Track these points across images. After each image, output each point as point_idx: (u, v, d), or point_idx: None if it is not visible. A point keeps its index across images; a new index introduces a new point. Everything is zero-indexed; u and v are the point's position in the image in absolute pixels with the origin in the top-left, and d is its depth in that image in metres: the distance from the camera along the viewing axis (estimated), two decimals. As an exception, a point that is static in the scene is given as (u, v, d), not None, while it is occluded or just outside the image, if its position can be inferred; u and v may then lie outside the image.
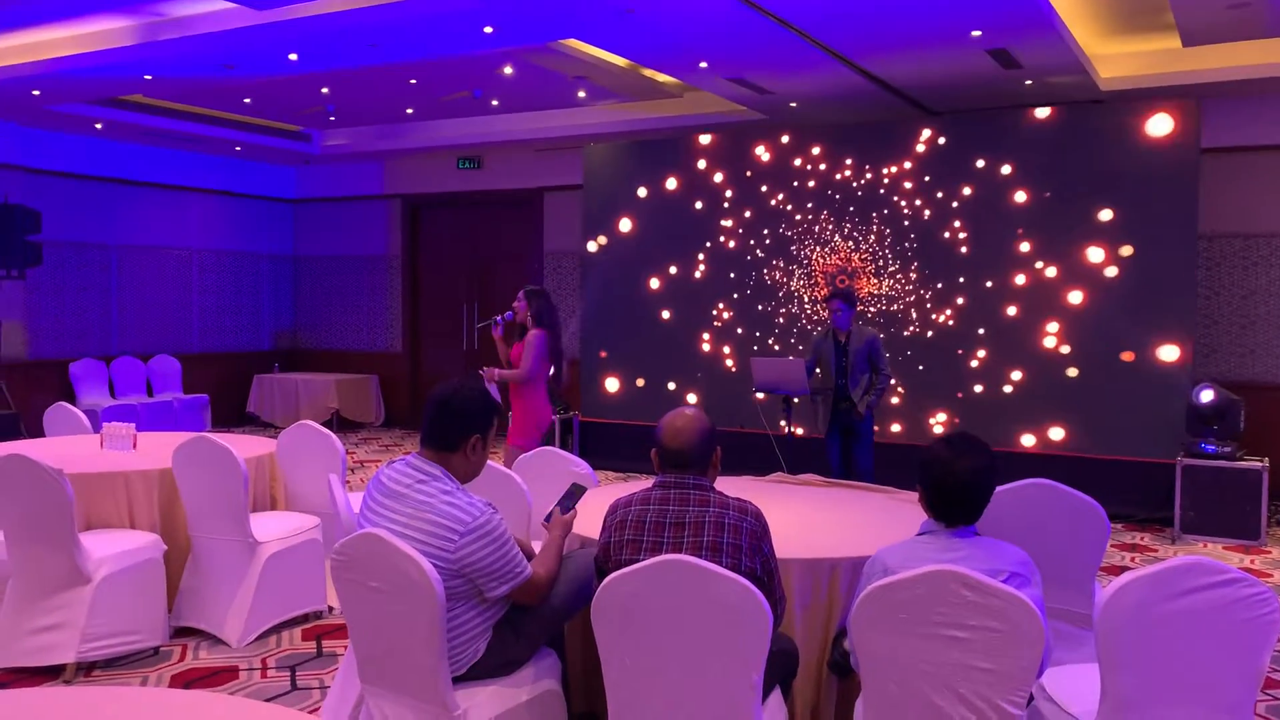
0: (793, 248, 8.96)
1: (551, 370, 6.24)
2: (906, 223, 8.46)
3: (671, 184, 9.46)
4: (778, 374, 6.96)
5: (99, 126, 9.94)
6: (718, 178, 9.25)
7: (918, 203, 8.41)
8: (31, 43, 7.60)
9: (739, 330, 9.19)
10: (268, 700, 3.93)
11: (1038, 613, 2.42)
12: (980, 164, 8.14)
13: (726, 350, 9.23)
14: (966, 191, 8.21)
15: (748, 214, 9.13)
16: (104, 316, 10.80)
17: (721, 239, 9.26)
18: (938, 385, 8.36)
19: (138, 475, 4.67)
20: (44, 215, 9.30)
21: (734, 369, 9.15)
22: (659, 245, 9.52)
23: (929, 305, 8.40)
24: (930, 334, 8.39)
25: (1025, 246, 8.00)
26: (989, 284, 8.15)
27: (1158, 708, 2.52)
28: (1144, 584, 2.49)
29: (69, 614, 4.18)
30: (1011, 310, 8.07)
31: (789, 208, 8.96)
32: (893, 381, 8.18)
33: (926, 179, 8.36)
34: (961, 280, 8.26)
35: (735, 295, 9.20)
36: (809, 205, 8.87)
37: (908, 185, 8.45)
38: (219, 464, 4.44)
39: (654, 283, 9.55)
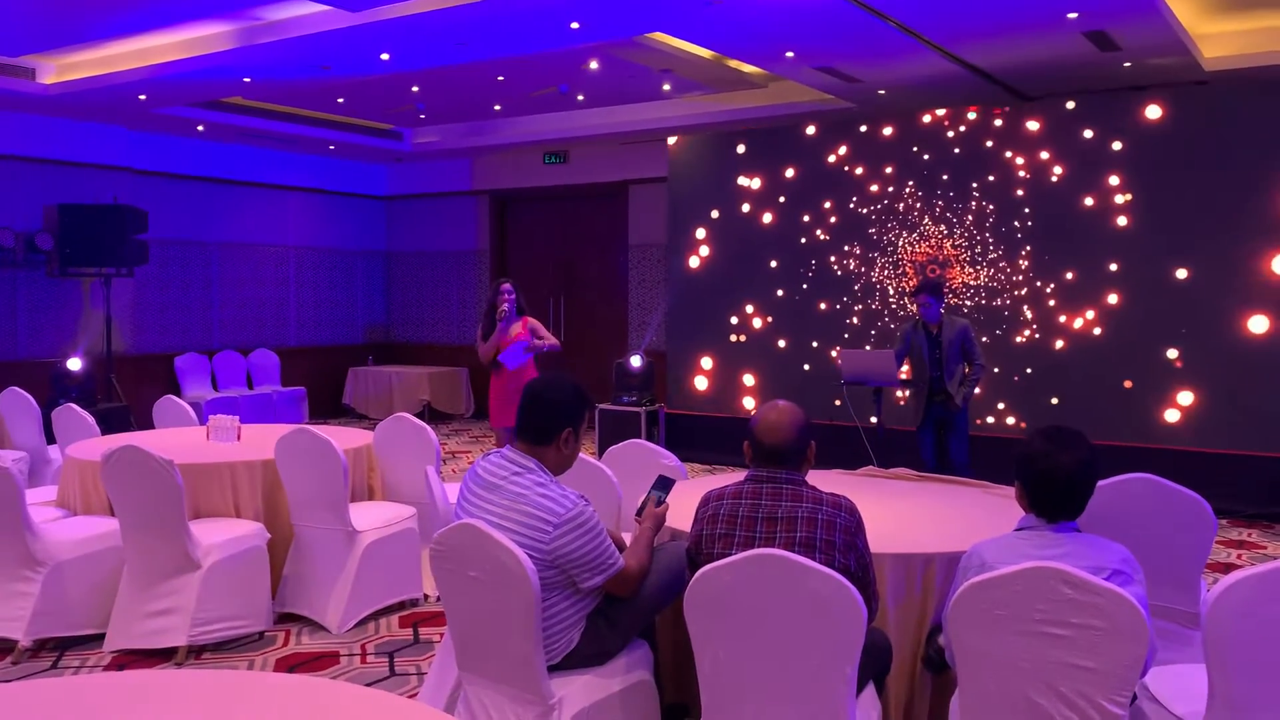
0: (879, 238, 8.83)
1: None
2: (1002, 213, 8.28)
3: (757, 175, 9.40)
4: (867, 365, 6.88)
5: (200, 128, 10.28)
6: (804, 168, 9.17)
7: (1015, 190, 8.22)
8: (138, 49, 7.90)
9: (826, 322, 9.09)
10: (367, 685, 4.03)
11: (1141, 611, 2.36)
12: (1078, 148, 7.93)
13: (815, 344, 9.14)
14: (1067, 179, 8.00)
15: (832, 205, 9.03)
16: (205, 312, 11.18)
17: (806, 230, 9.17)
18: (1034, 374, 8.17)
19: (242, 466, 4.83)
20: (150, 214, 9.64)
21: (821, 360, 9.06)
22: (744, 236, 9.47)
23: (1033, 297, 8.22)
24: (1030, 327, 8.21)
25: (1125, 234, 7.76)
26: (1088, 275, 7.94)
27: (1269, 710, 2.44)
28: (1254, 583, 2.41)
29: (180, 599, 4.35)
30: (1109, 295, 7.84)
31: (876, 197, 8.83)
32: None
33: (1020, 164, 8.17)
34: (1062, 271, 8.06)
35: (822, 287, 9.11)
36: (896, 195, 8.73)
37: (1000, 172, 8.26)
38: (320, 455, 4.57)
39: (738, 275, 9.50)
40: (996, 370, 8.36)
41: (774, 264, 9.32)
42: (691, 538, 2.98)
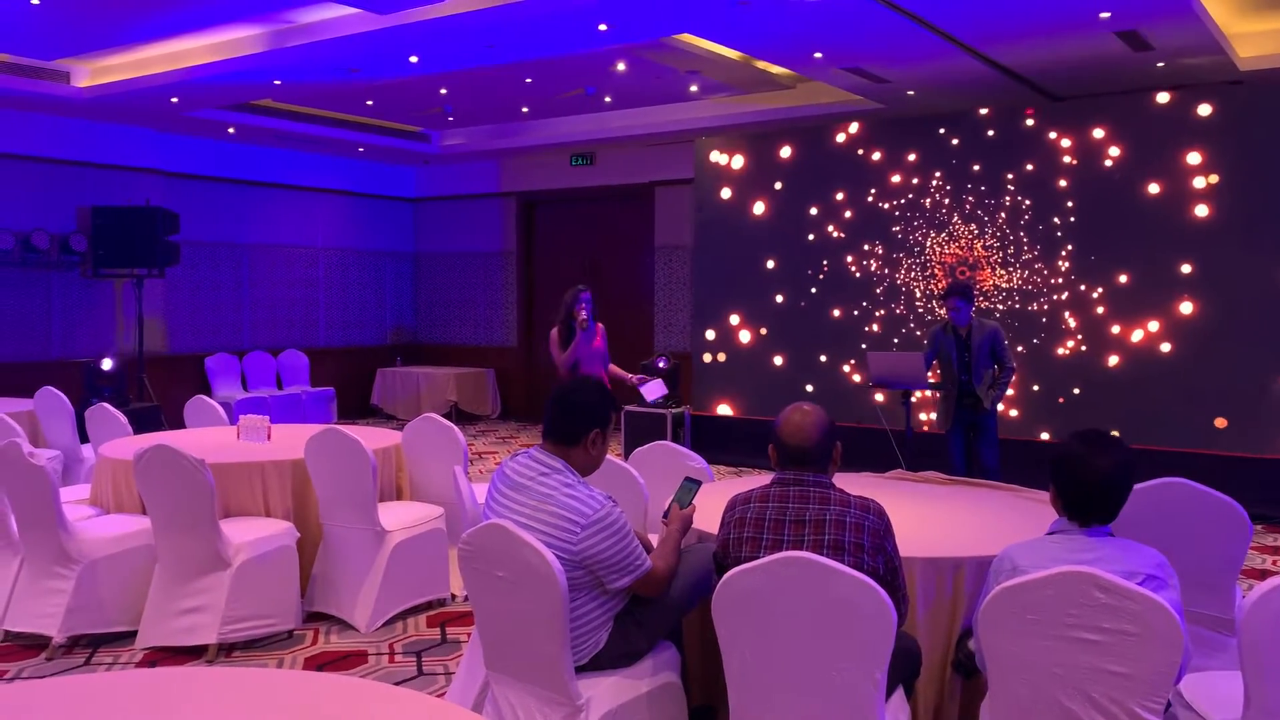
0: (907, 240, 8.78)
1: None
2: (1029, 215, 8.21)
3: (784, 175, 9.37)
4: (895, 368, 6.83)
5: (231, 131, 10.37)
6: (830, 169, 9.13)
7: (1040, 193, 8.15)
8: (170, 52, 7.99)
9: (852, 324, 9.05)
10: (395, 684, 4.05)
11: (1175, 617, 2.33)
12: (1114, 150, 7.85)
13: (841, 344, 9.11)
14: (1093, 181, 7.92)
15: (859, 206, 8.99)
16: (235, 313, 11.28)
17: (831, 231, 9.14)
18: (1083, 395, 8.07)
19: (272, 465, 4.86)
20: (181, 216, 9.74)
21: (849, 363, 9.02)
22: (770, 238, 9.45)
23: (1075, 302, 8.14)
24: (1074, 337, 8.13)
25: (1155, 233, 7.68)
26: (1116, 272, 7.85)
27: (1307, 719, 2.40)
28: (1292, 589, 2.37)
29: (211, 597, 4.38)
30: (1151, 300, 7.75)
31: (903, 198, 8.79)
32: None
33: (1050, 167, 8.10)
34: (1113, 273, 7.98)
35: (848, 289, 9.07)
36: (924, 196, 8.68)
37: (1027, 175, 8.19)
38: (349, 455, 4.60)
39: (765, 276, 9.48)
40: (1035, 388, 8.20)
41: (800, 266, 9.27)
42: (719, 542, 2.97)
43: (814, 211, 9.25)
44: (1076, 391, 8.04)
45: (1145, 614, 2.33)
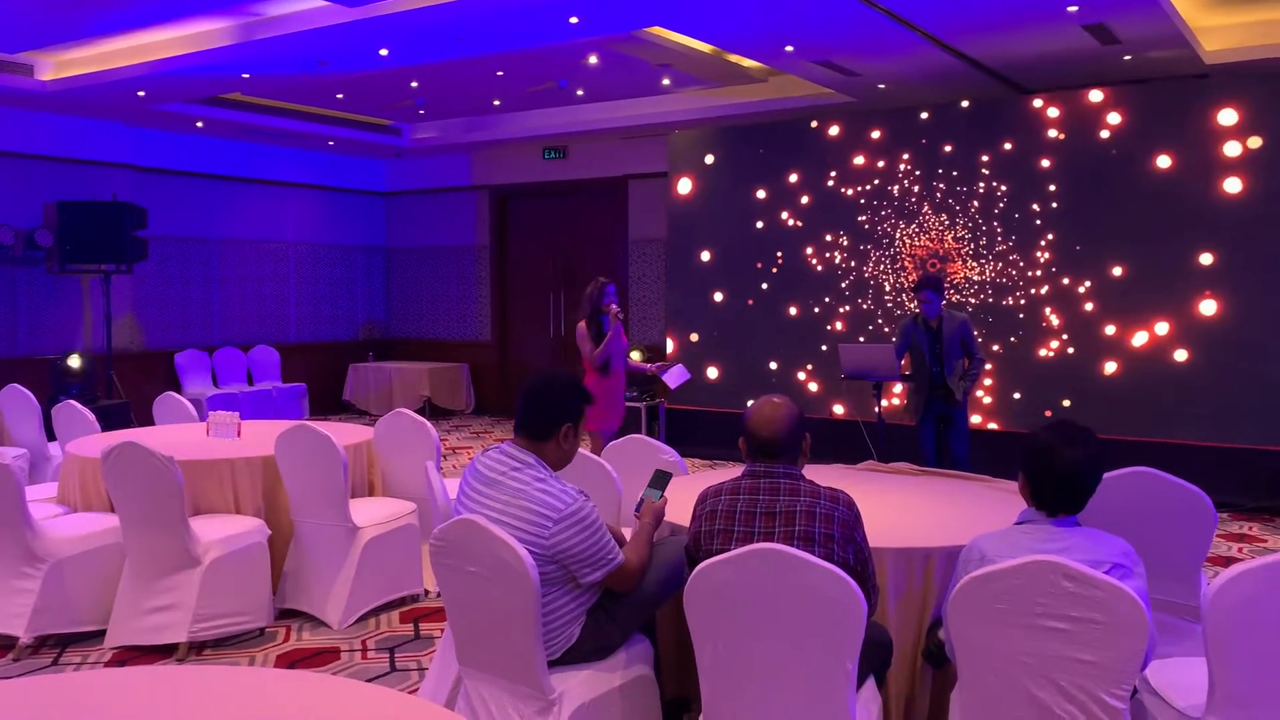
0: (878, 232, 8.82)
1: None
2: (1000, 207, 8.27)
3: (757, 169, 9.39)
4: (866, 360, 6.87)
5: (200, 125, 10.27)
6: (804, 163, 9.16)
7: (1010, 184, 8.21)
8: (136, 45, 7.89)
9: (833, 313, 9.09)
10: (368, 681, 4.04)
11: (1141, 604, 2.36)
12: (1081, 142, 7.91)
13: (814, 336, 9.14)
14: (1060, 171, 7.99)
15: (831, 200, 9.02)
16: (206, 309, 11.18)
17: (804, 225, 9.17)
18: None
19: (242, 462, 4.83)
20: (149, 211, 9.64)
21: (822, 355, 9.06)
22: (743, 233, 9.47)
23: (1027, 287, 8.20)
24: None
25: (1128, 229, 7.75)
26: (1092, 269, 7.92)
27: (1270, 703, 2.44)
28: (1254, 577, 2.41)
29: (181, 595, 4.35)
30: (1117, 293, 7.82)
31: (875, 192, 8.82)
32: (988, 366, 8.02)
33: (1019, 158, 8.16)
34: (1063, 265, 8.04)
35: (820, 281, 9.10)
36: (897, 190, 8.72)
37: (999, 166, 8.25)
38: (320, 451, 4.57)
39: (738, 271, 9.50)
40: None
41: (773, 259, 9.30)
42: (690, 534, 2.98)
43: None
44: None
45: (1112, 602, 2.36)
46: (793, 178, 9.22)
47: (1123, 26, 6.69)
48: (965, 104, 8.43)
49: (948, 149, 8.46)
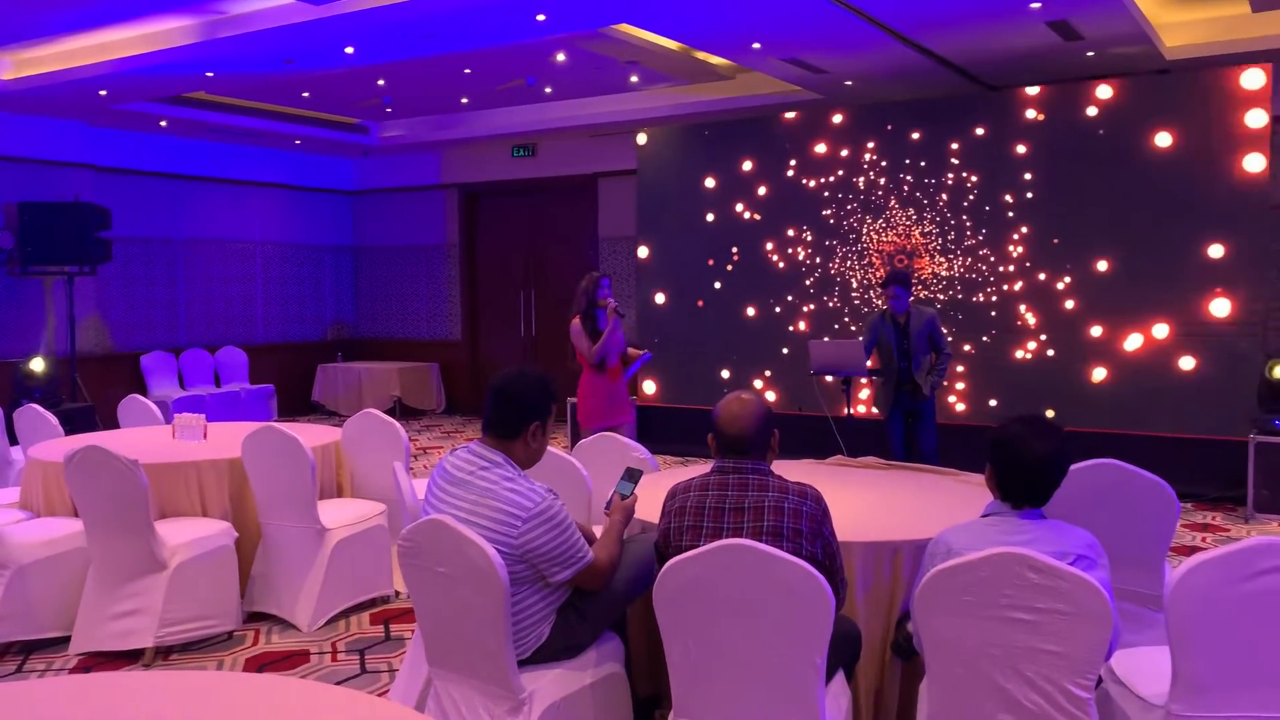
0: (847, 228, 8.86)
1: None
2: (966, 202, 8.33)
3: (727, 166, 9.41)
4: (836, 356, 6.91)
5: (163, 124, 10.16)
6: (772, 159, 9.19)
7: (976, 180, 8.27)
8: (97, 44, 7.79)
9: (797, 312, 9.13)
10: (338, 683, 4.02)
11: (1105, 595, 2.39)
12: (1042, 138, 7.98)
13: (786, 333, 9.18)
14: (1027, 166, 8.05)
15: (802, 196, 9.06)
16: (172, 310, 11.06)
17: (775, 221, 9.20)
18: (1000, 364, 8.23)
19: (209, 465, 4.78)
20: (112, 212, 9.52)
21: (792, 351, 9.09)
22: (713, 228, 9.48)
23: (992, 283, 8.27)
24: (993, 312, 8.26)
25: (1092, 222, 7.83)
26: (1055, 262, 8.00)
27: (1232, 690, 2.48)
28: (1215, 565, 2.44)
29: (146, 600, 4.30)
30: (1078, 289, 7.91)
31: (844, 188, 8.86)
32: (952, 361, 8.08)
33: (986, 155, 8.22)
34: (1027, 259, 8.12)
35: (792, 278, 9.14)
36: (865, 186, 8.77)
37: (966, 163, 8.31)
38: (287, 453, 4.54)
39: (709, 265, 9.52)
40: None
41: (744, 255, 9.32)
42: (660, 531, 2.98)
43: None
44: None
45: (1076, 593, 2.39)
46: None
47: (1085, 23, 6.77)
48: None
49: (915, 136, 8.51)
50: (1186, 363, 7.47)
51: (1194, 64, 7.60)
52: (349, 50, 7.44)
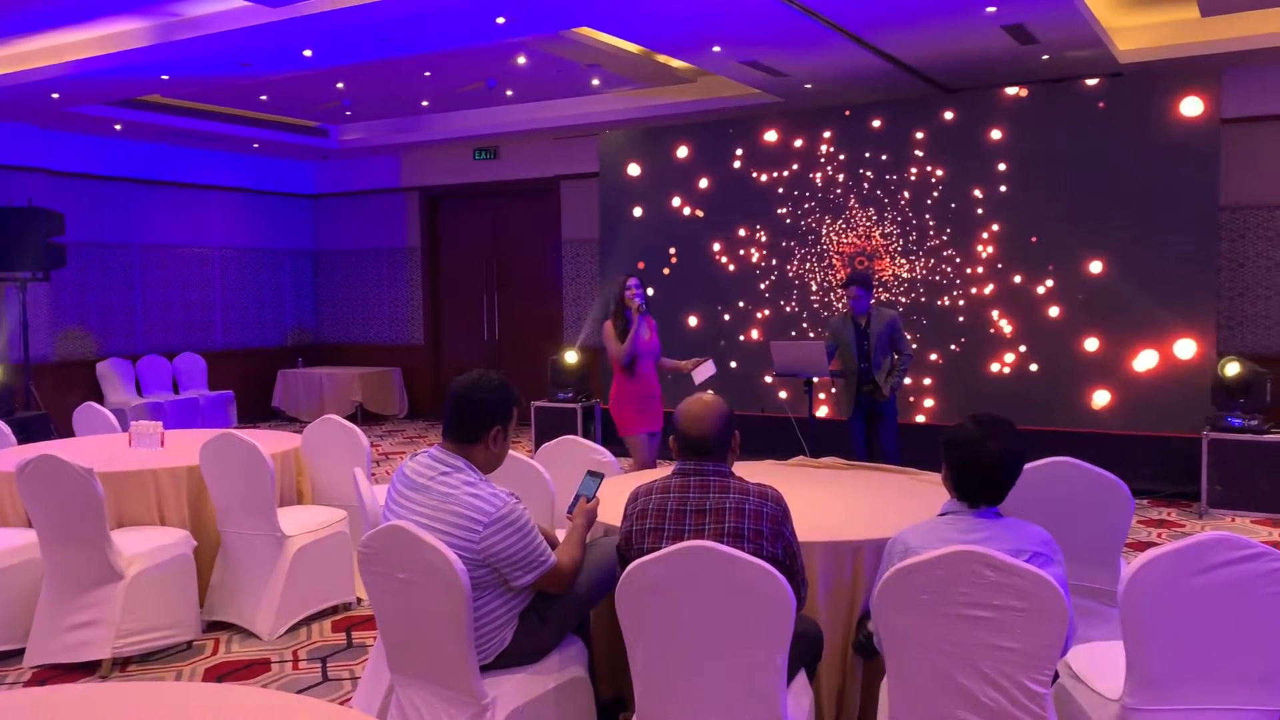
0: (808, 230, 8.92)
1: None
2: (923, 205, 8.41)
3: (688, 170, 9.44)
4: (798, 357, 6.95)
5: (118, 127, 10.02)
6: (733, 163, 9.22)
7: (933, 182, 8.35)
8: (49, 46, 7.66)
9: (758, 314, 9.17)
10: (300, 692, 3.98)
11: (1060, 591, 2.42)
12: (996, 141, 8.08)
13: (749, 334, 9.21)
14: (983, 169, 8.15)
15: (763, 198, 9.10)
16: (128, 316, 10.90)
17: (736, 224, 9.24)
18: (956, 364, 8.31)
19: (166, 473, 4.73)
20: (66, 217, 9.38)
21: (754, 353, 9.13)
22: (675, 231, 9.51)
23: (948, 284, 8.35)
24: (946, 312, 8.35)
25: (1045, 222, 7.93)
26: (1011, 262, 8.09)
27: (1184, 683, 2.53)
28: (1168, 560, 2.49)
29: (103, 611, 4.24)
30: (1034, 287, 8.01)
31: (805, 191, 8.92)
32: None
33: (945, 158, 8.31)
34: (983, 258, 8.21)
35: (754, 279, 9.18)
36: (825, 188, 8.83)
37: (925, 166, 8.39)
38: (245, 460, 4.49)
39: (671, 268, 9.53)
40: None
41: (706, 257, 9.36)
42: (622, 534, 2.98)
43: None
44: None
45: (1032, 590, 2.42)
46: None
47: (1040, 27, 6.86)
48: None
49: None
50: (1144, 362, 7.59)
51: (1147, 68, 7.73)
52: (307, 53, 7.38)
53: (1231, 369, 6.93)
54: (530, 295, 11.74)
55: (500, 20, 6.54)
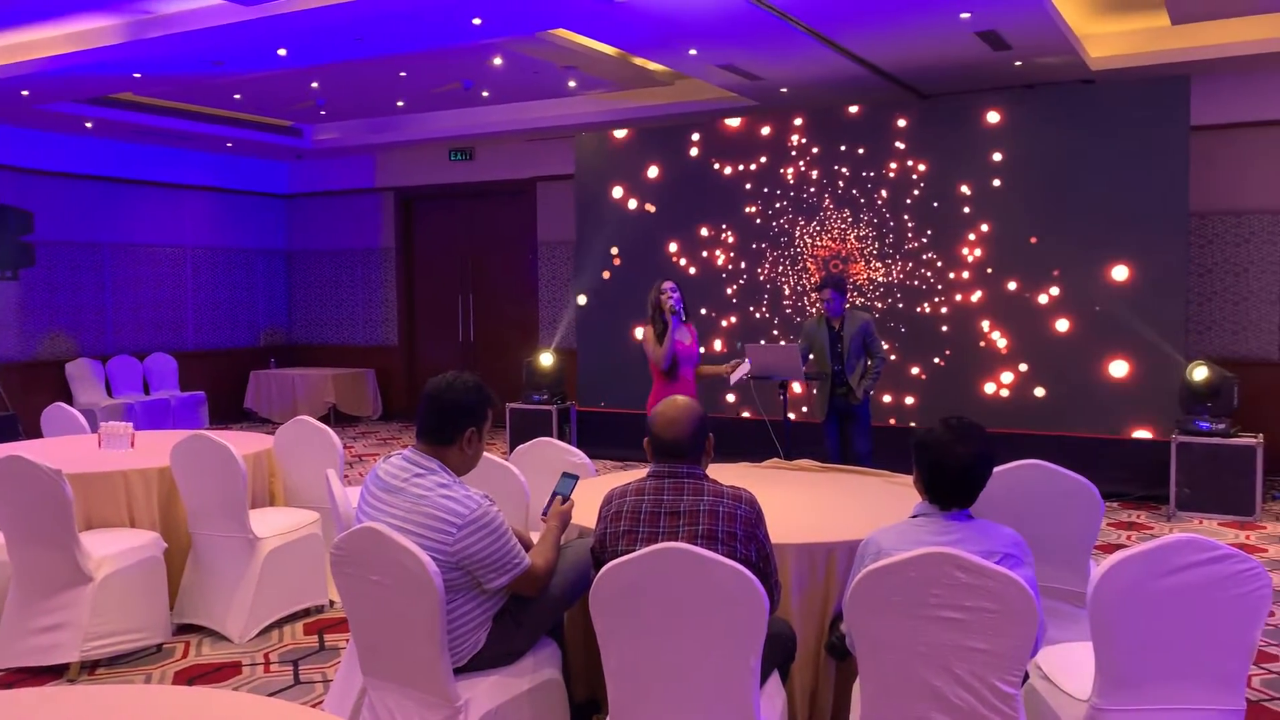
0: (782, 234, 8.95)
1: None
2: (897, 208, 8.46)
3: (663, 172, 9.45)
4: (772, 360, 6.96)
5: (89, 125, 9.92)
6: (709, 166, 9.25)
7: (908, 187, 8.40)
8: (19, 43, 7.58)
9: (733, 317, 9.19)
10: (271, 695, 3.96)
11: (1030, 593, 2.44)
12: (972, 146, 8.14)
13: (723, 337, 9.24)
14: (955, 174, 8.21)
15: (736, 202, 9.13)
16: (99, 316, 10.79)
17: (710, 227, 9.26)
18: (926, 365, 8.37)
19: (136, 474, 4.68)
20: (36, 215, 9.28)
21: (729, 355, 9.15)
22: (650, 234, 9.51)
23: (922, 287, 8.41)
24: (920, 315, 8.40)
25: (1016, 228, 8.00)
26: (983, 267, 8.16)
27: (1152, 683, 2.55)
28: (1136, 562, 2.51)
29: (71, 613, 4.19)
30: (1005, 288, 8.07)
31: (779, 195, 8.95)
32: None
33: (920, 163, 8.36)
34: (955, 264, 8.27)
35: (728, 282, 9.20)
36: (800, 192, 8.86)
37: (899, 170, 8.44)
38: (217, 461, 4.46)
39: (643, 273, 9.53)
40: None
41: (680, 259, 9.37)
42: (596, 536, 2.99)
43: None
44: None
45: (1003, 591, 2.44)
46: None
47: (1013, 33, 6.92)
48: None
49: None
50: (1114, 367, 7.67)
51: (1118, 75, 7.81)
52: (281, 52, 7.33)
53: (1199, 373, 7.02)
54: (505, 297, 11.72)
55: (476, 21, 6.53)
